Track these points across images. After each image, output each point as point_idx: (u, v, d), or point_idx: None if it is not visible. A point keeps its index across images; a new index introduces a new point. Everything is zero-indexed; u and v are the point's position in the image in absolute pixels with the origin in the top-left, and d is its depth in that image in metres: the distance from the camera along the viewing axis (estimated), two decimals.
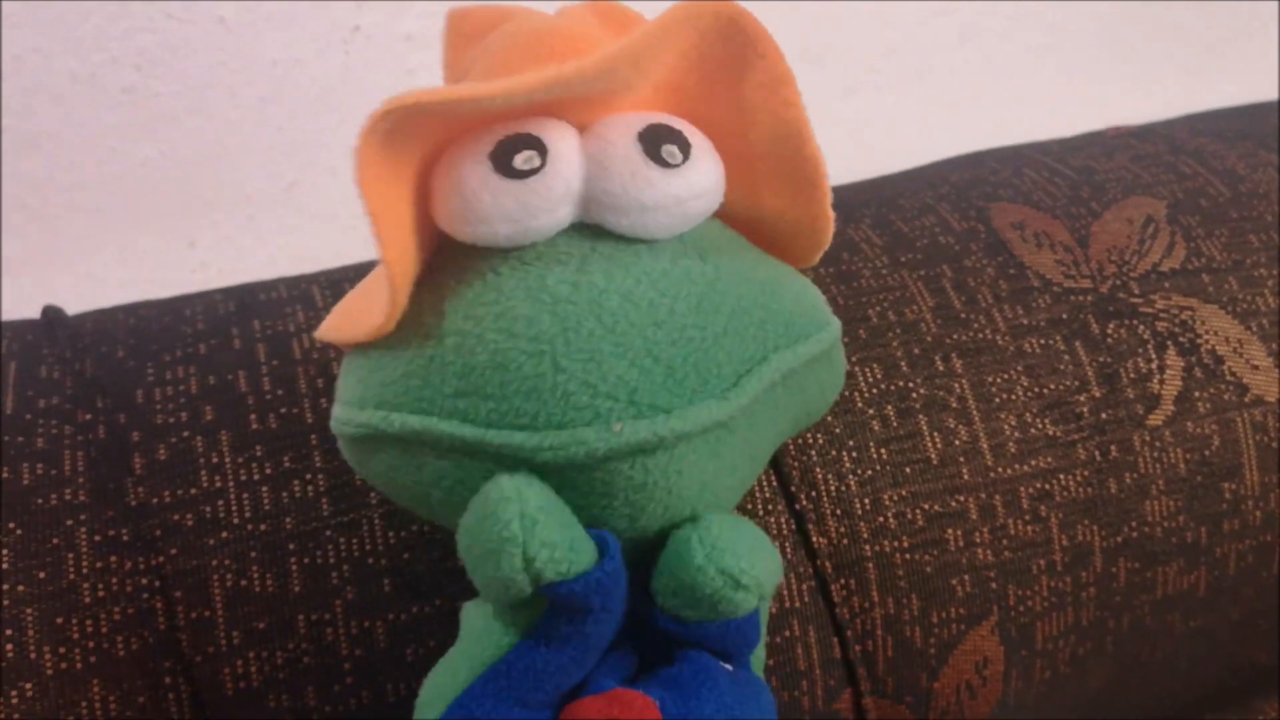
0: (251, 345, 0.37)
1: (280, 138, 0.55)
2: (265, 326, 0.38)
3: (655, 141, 0.26)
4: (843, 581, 0.37)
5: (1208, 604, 0.41)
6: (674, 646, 0.26)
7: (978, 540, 0.38)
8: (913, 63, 0.66)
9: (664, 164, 0.26)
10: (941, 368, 0.39)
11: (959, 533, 0.38)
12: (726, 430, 0.26)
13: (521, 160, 0.25)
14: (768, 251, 0.29)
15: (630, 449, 0.25)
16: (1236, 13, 0.74)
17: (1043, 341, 0.40)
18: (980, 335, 0.40)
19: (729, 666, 0.26)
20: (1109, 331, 0.40)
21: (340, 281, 0.40)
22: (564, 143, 0.26)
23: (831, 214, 0.29)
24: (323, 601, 0.33)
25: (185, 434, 0.35)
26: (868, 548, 0.37)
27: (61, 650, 0.32)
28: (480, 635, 0.26)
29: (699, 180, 0.26)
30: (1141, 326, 0.41)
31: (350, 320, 0.28)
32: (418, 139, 0.25)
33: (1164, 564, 0.40)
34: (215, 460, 0.34)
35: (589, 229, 0.26)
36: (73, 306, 0.40)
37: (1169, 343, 0.41)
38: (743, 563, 0.25)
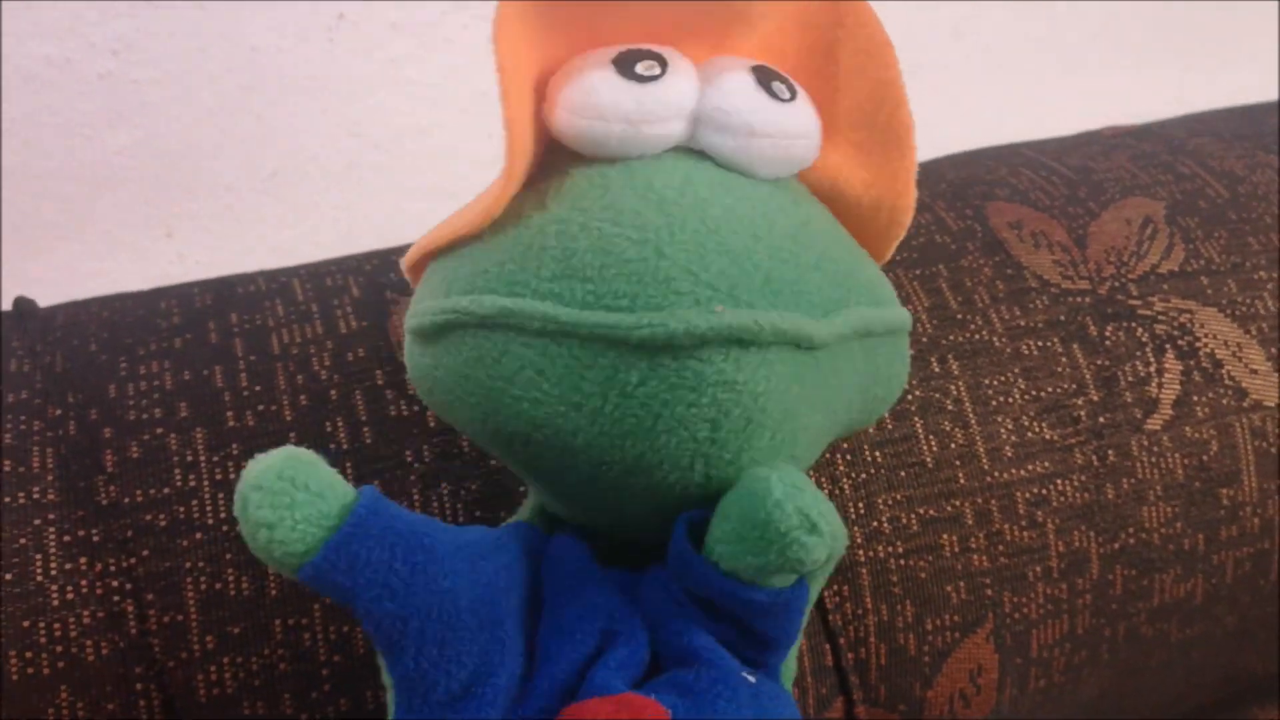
0: (229, 340, 0.36)
1: (261, 126, 0.54)
2: (243, 320, 0.37)
3: (766, 77, 0.27)
4: (836, 587, 0.36)
5: (1204, 611, 0.40)
6: (694, 653, 0.25)
7: (973, 546, 0.37)
8: (907, 58, 0.66)
9: (774, 96, 0.27)
10: (938, 369, 0.38)
11: (954, 538, 0.37)
12: (813, 358, 0.26)
13: (643, 67, 0.26)
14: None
15: (729, 335, 0.24)
16: (1236, 12, 0.73)
17: (1040, 343, 0.39)
18: (977, 336, 0.39)
19: (752, 679, 0.25)
20: (1107, 334, 0.40)
21: (322, 275, 0.39)
22: (682, 61, 0.27)
23: (914, 192, 0.29)
24: (300, 606, 0.32)
25: (159, 431, 0.34)
26: (862, 553, 0.36)
27: (28, 655, 0.31)
28: (380, 665, 0.26)
29: (804, 119, 0.27)
30: (1140, 329, 0.40)
31: (448, 225, 0.28)
32: (553, 31, 0.26)
33: (1161, 571, 0.39)
34: (190, 459, 0.33)
35: (694, 153, 0.27)
36: (45, 298, 0.39)
37: (1168, 346, 0.40)
38: (822, 506, 0.24)
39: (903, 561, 0.36)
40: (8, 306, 0.38)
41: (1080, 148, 0.47)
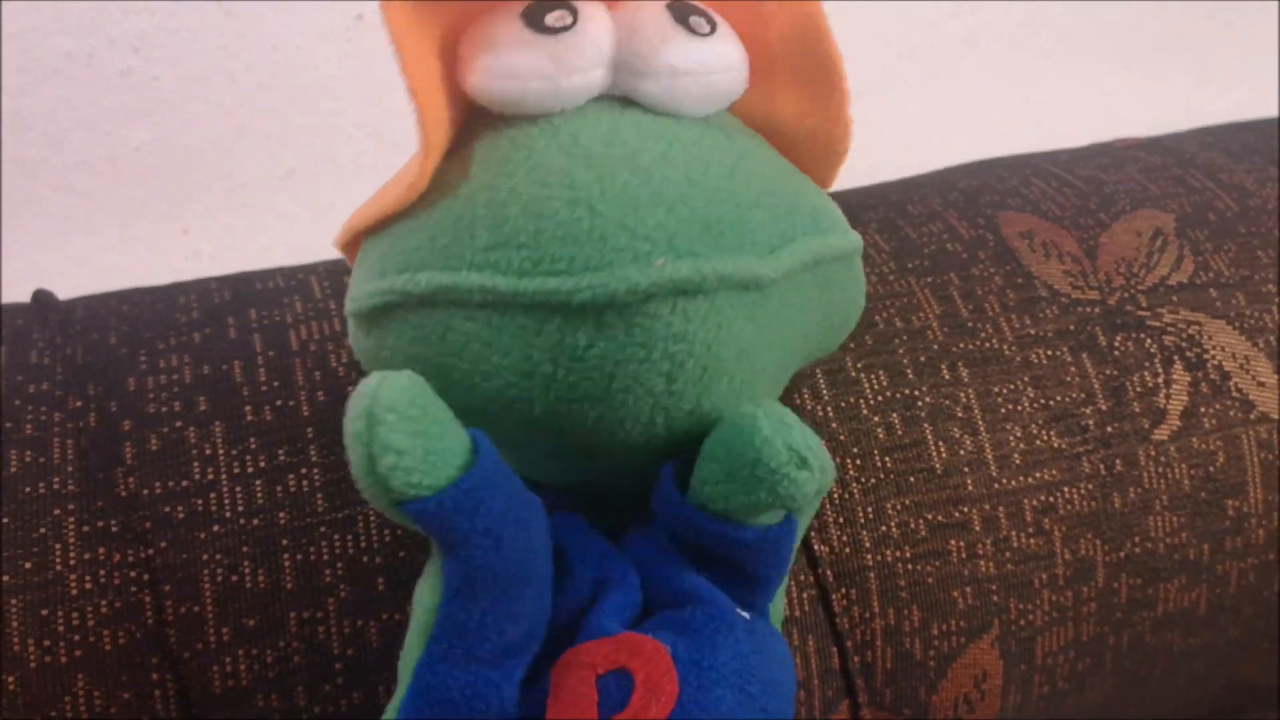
0: (247, 335, 0.36)
1: (279, 125, 0.54)
2: (262, 316, 0.37)
3: (683, 13, 0.26)
4: (843, 591, 0.36)
5: (1208, 622, 0.41)
6: (686, 594, 0.25)
7: (980, 552, 0.37)
8: (921, 68, 0.66)
9: (693, 31, 0.26)
10: (948, 376, 0.38)
11: (962, 544, 0.37)
12: (763, 297, 0.25)
13: (554, 19, 0.25)
14: None
15: (672, 287, 0.24)
16: (1248, 25, 0.73)
17: (1050, 352, 0.39)
18: (987, 344, 0.39)
19: (746, 615, 0.25)
20: (1116, 344, 0.40)
21: (340, 273, 0.39)
22: (594, 6, 0.26)
23: (850, 118, 0.28)
24: (315, 599, 0.33)
25: (178, 424, 0.34)
26: (870, 557, 0.36)
27: (46, 643, 0.31)
28: (418, 604, 0.25)
29: (727, 52, 0.26)
30: (1149, 340, 0.40)
31: (372, 203, 0.27)
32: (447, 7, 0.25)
33: (1165, 580, 0.39)
34: (208, 452, 0.34)
35: (618, 101, 0.26)
36: (64, 291, 0.39)
37: (1176, 357, 0.40)
38: (810, 440, 0.24)
39: (910, 566, 0.37)
40: (27, 298, 0.39)
41: (1091, 159, 0.48)
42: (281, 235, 0.55)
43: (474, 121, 0.26)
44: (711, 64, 0.26)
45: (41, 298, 0.38)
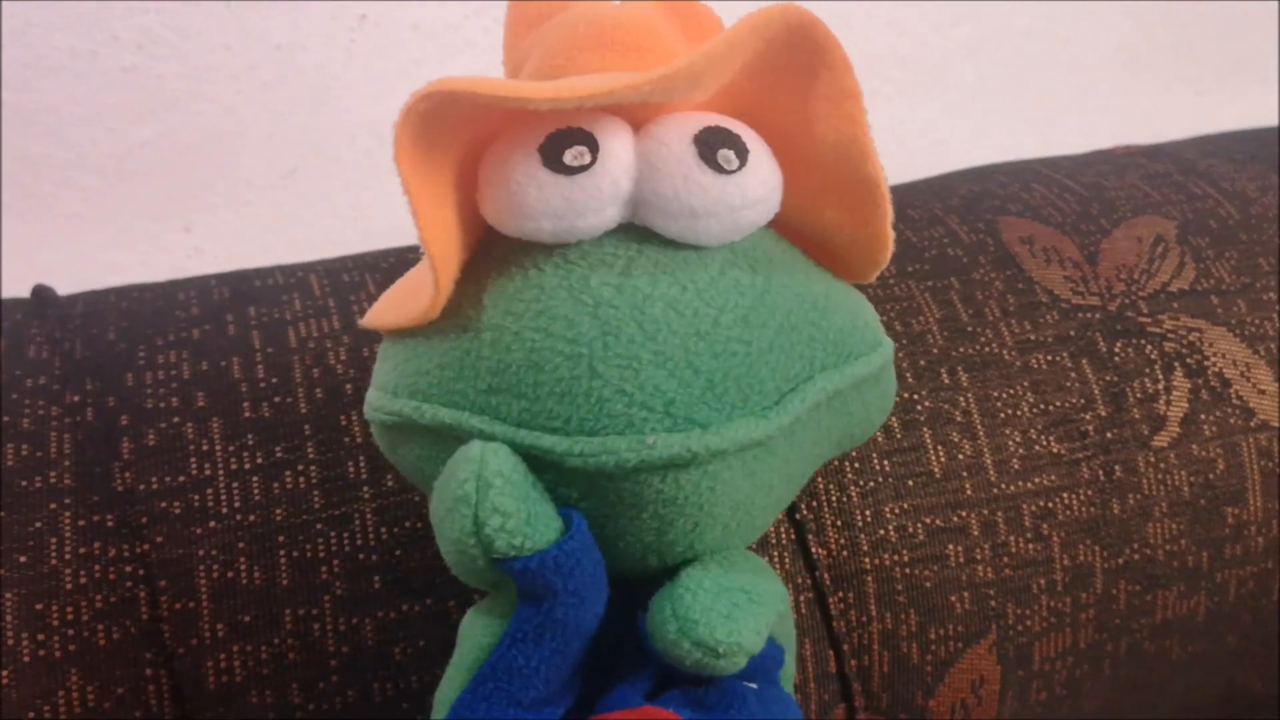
0: (246, 332, 0.36)
1: (282, 124, 0.54)
2: (261, 313, 0.37)
3: (711, 145, 0.25)
4: (841, 594, 0.36)
5: (1206, 630, 0.41)
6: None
7: (978, 557, 0.37)
8: (923, 74, 0.66)
9: (719, 169, 0.25)
10: (947, 381, 0.38)
11: (960, 548, 0.37)
12: (765, 450, 0.25)
13: (571, 156, 0.24)
14: (824, 264, 0.28)
15: (662, 463, 0.24)
16: (1249, 34, 0.73)
17: (1050, 358, 0.39)
18: (987, 349, 0.39)
19: (753, 685, 0.26)
20: (1116, 350, 0.40)
21: (339, 271, 0.39)
22: (616, 140, 0.25)
23: (891, 234, 0.27)
24: (311, 596, 0.33)
25: (175, 420, 0.34)
26: (867, 560, 0.36)
27: (40, 637, 0.31)
28: (468, 639, 0.26)
29: (754, 188, 0.25)
30: (1149, 346, 0.40)
31: (394, 306, 0.28)
32: (462, 125, 0.24)
33: (1164, 588, 0.39)
34: (205, 448, 0.34)
35: (638, 231, 0.25)
36: (65, 288, 0.39)
37: (1176, 364, 0.40)
38: (718, 632, 0.24)
39: (908, 570, 0.37)
40: (27, 294, 0.39)
41: (1092, 166, 0.48)
42: (283, 234, 0.55)
43: (492, 236, 0.26)
44: (736, 203, 0.25)
45: (41, 293, 0.38)
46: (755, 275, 0.26)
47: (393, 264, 0.40)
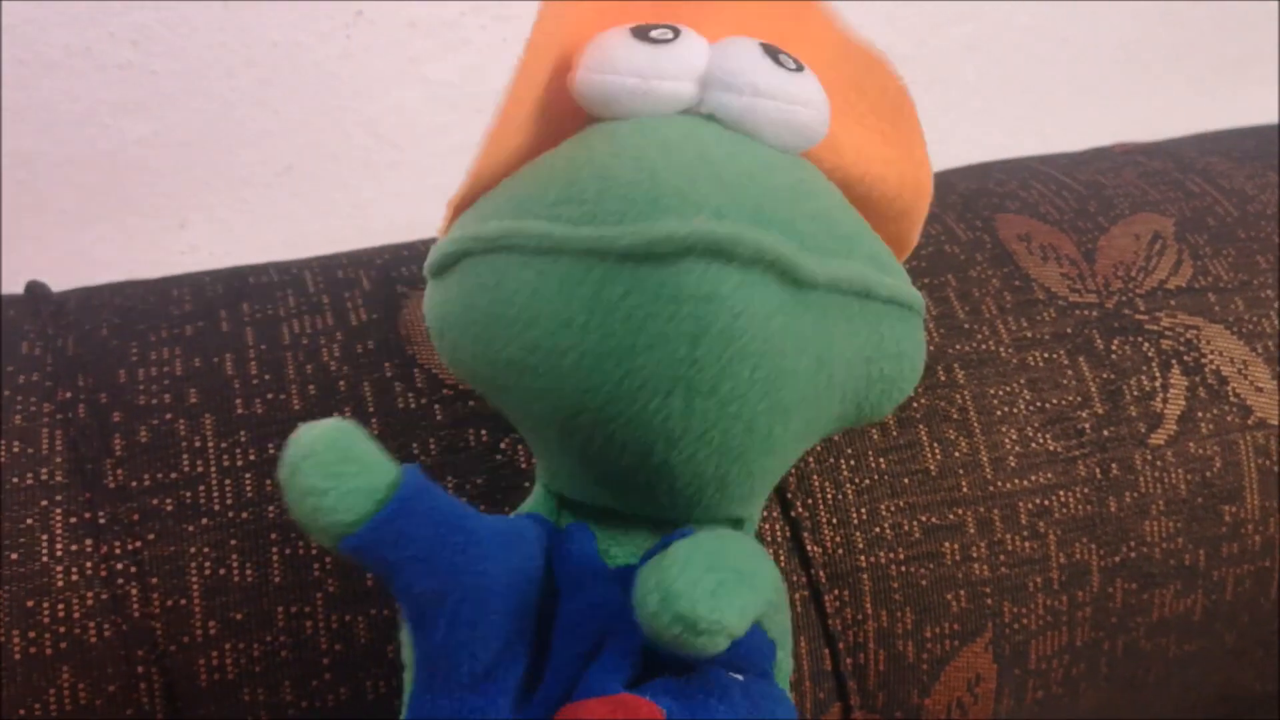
0: (240, 328, 0.36)
1: (278, 121, 0.54)
2: (255, 310, 0.37)
3: (774, 51, 0.28)
4: (836, 592, 0.36)
5: (1203, 628, 0.40)
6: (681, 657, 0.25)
7: (974, 555, 0.37)
8: (922, 71, 0.66)
9: (781, 65, 0.28)
10: (943, 378, 0.38)
11: (956, 546, 0.37)
12: (801, 297, 0.25)
13: (657, 34, 0.28)
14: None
15: (708, 245, 0.24)
16: (1248, 35, 0.73)
17: (1046, 355, 0.39)
18: (984, 347, 0.39)
19: (740, 677, 0.25)
20: (1113, 348, 0.40)
21: (334, 268, 0.39)
22: (695, 32, 0.28)
23: (928, 161, 0.31)
24: (302, 594, 0.33)
25: (168, 416, 0.34)
26: (863, 558, 0.36)
27: (31, 635, 0.31)
28: (401, 638, 0.26)
29: (810, 87, 0.28)
30: (1146, 344, 0.40)
31: (468, 176, 0.30)
32: (587, 14, 0.28)
33: (1161, 586, 0.39)
34: (198, 444, 0.34)
35: (703, 117, 0.28)
36: (60, 284, 0.39)
37: (1173, 361, 0.40)
38: (700, 607, 0.23)
39: (904, 568, 0.36)
40: (20, 290, 0.38)
41: (1090, 163, 0.47)
42: (279, 231, 0.55)
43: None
44: (795, 94, 0.28)
45: (34, 289, 0.38)
46: (804, 170, 0.29)
47: (388, 261, 0.40)
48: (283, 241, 0.55)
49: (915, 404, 0.38)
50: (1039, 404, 0.38)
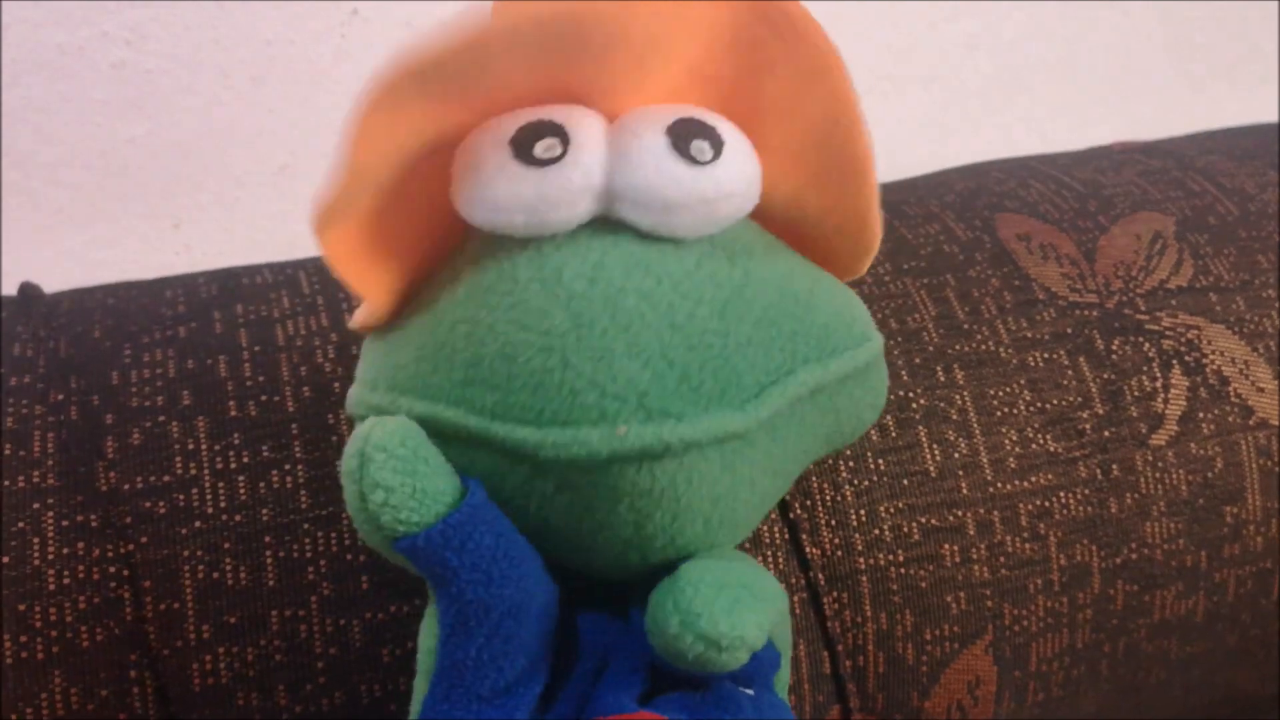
0: (233, 330, 0.36)
1: (272, 120, 0.54)
2: (248, 311, 0.37)
3: (685, 136, 0.25)
4: (835, 594, 0.36)
5: (1205, 630, 0.40)
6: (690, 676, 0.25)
7: (974, 556, 0.37)
8: (921, 70, 0.66)
9: (692, 160, 0.24)
10: (943, 379, 0.38)
11: (955, 548, 0.37)
12: (744, 443, 0.25)
13: (542, 148, 0.24)
14: (813, 259, 0.28)
15: (635, 453, 0.23)
16: (1248, 35, 0.73)
17: (1046, 356, 0.39)
18: (983, 347, 0.39)
19: (749, 691, 0.25)
20: (1114, 348, 0.39)
21: (328, 269, 0.39)
22: (588, 132, 0.25)
23: (879, 217, 0.27)
24: (297, 597, 0.32)
25: (161, 419, 0.34)
26: (862, 560, 0.36)
27: (23, 639, 0.31)
28: (422, 645, 0.26)
29: (729, 180, 0.25)
30: (1147, 344, 0.40)
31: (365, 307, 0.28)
32: (436, 100, 0.24)
33: (1162, 587, 0.39)
34: (191, 447, 0.33)
35: (612, 224, 0.25)
36: (50, 285, 0.39)
37: (1174, 361, 0.40)
38: (721, 625, 0.23)
39: (903, 570, 0.36)
40: (12, 291, 0.38)
41: (1090, 162, 0.47)
42: (273, 231, 0.55)
43: (469, 229, 0.26)
44: (710, 195, 0.25)
45: (27, 290, 0.38)
46: (734, 268, 0.25)
47: None
48: (278, 242, 0.55)
49: (915, 405, 0.37)
50: (1039, 405, 0.38)
